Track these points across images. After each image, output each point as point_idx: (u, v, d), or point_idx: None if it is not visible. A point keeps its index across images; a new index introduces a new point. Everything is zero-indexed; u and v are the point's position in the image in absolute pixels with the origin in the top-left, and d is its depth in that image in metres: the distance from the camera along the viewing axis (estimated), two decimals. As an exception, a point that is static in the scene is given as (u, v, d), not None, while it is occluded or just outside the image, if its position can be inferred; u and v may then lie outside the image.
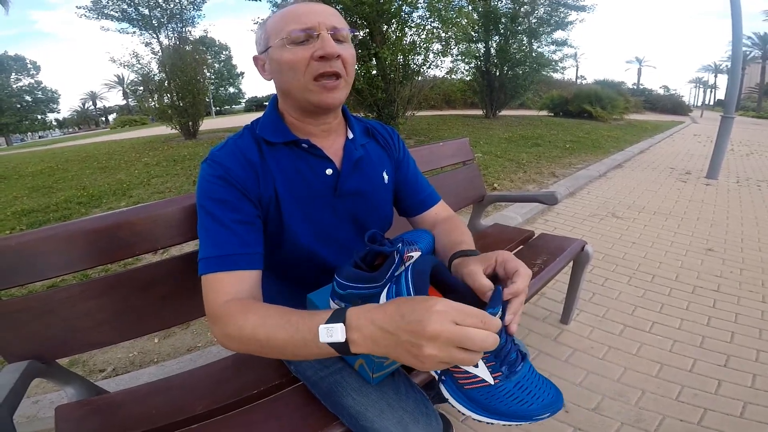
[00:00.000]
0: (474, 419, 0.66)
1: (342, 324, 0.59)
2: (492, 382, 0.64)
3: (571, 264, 1.84)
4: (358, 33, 0.90)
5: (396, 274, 0.77)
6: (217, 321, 0.73)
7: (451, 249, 0.87)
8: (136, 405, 0.98)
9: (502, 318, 0.62)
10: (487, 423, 0.66)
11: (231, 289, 0.75)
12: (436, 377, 0.69)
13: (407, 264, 0.81)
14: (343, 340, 0.58)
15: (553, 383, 0.71)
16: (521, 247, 1.84)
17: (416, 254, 0.85)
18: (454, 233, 0.94)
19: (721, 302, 2.26)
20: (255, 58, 0.89)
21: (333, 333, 0.59)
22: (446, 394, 0.68)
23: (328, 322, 0.60)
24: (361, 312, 0.59)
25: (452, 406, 0.68)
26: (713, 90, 71.72)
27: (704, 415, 1.48)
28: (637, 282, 2.51)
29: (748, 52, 46.77)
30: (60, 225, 1.01)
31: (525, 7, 12.14)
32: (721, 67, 62.71)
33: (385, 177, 1.01)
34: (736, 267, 2.71)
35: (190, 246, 1.06)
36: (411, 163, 1.10)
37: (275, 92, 0.92)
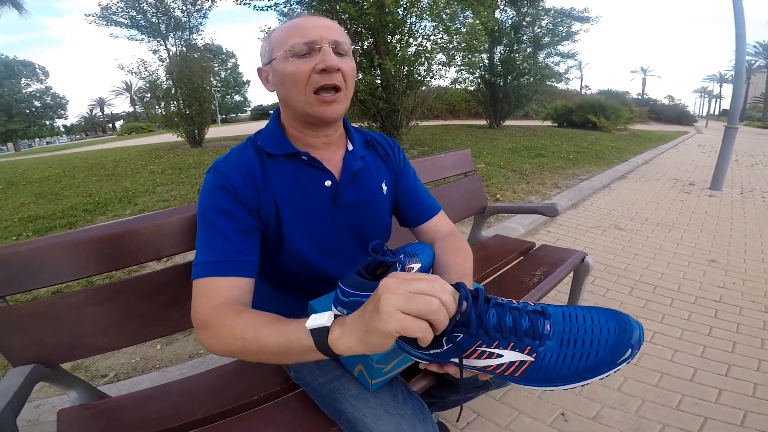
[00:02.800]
0: (559, 390, 0.62)
1: (331, 313, 0.63)
2: (531, 359, 0.61)
3: (571, 275, 1.85)
4: (358, 47, 0.91)
5: None
6: (206, 324, 0.74)
7: (445, 275, 0.88)
8: (138, 409, 1.00)
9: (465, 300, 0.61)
10: (580, 386, 0.60)
11: (223, 294, 0.76)
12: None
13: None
14: (328, 324, 0.61)
15: (611, 310, 0.63)
16: (521, 258, 1.85)
17: (417, 266, 0.87)
18: (447, 254, 0.96)
19: (723, 312, 2.26)
20: (259, 70, 0.92)
21: (319, 318, 0.62)
22: (527, 387, 0.65)
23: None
24: (349, 315, 0.63)
25: (540, 390, 0.64)
26: (718, 100, 71.67)
27: (704, 424, 1.48)
28: (639, 293, 2.51)
29: (753, 62, 46.74)
30: (67, 233, 1.04)
31: (527, 18, 12.22)
32: (726, 77, 62.54)
33: (384, 188, 1.02)
34: (738, 278, 2.70)
35: (193, 254, 1.08)
36: (411, 174, 1.11)
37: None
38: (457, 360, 0.64)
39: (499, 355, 0.62)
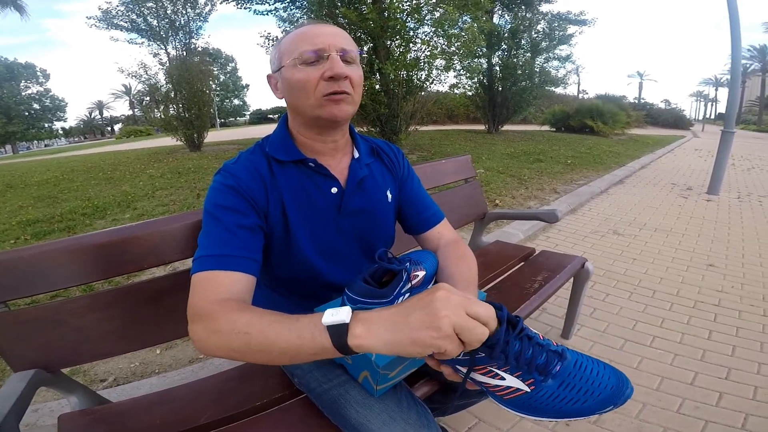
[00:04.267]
0: (530, 419, 0.66)
1: (349, 308, 0.60)
2: (528, 390, 0.64)
3: (571, 280, 1.85)
4: (365, 55, 0.92)
5: (402, 291, 0.79)
6: (207, 316, 0.68)
7: (449, 283, 0.88)
8: (140, 415, 1.00)
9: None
10: (548, 421, 0.64)
11: (226, 289, 0.73)
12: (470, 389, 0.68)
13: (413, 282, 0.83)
14: (347, 320, 0.57)
15: (617, 371, 0.67)
16: (522, 264, 1.85)
17: (421, 273, 0.87)
18: (450, 261, 0.95)
19: (722, 316, 2.27)
20: (268, 77, 0.93)
21: (337, 314, 0.58)
22: (501, 407, 0.68)
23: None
24: (370, 310, 0.61)
25: (513, 413, 0.68)
26: (714, 103, 71.91)
27: (705, 427, 1.49)
28: (638, 297, 2.51)
29: (747, 65, 46.68)
30: (69, 238, 1.04)
31: (525, 23, 12.28)
32: (721, 80, 62.67)
33: (389, 196, 1.03)
34: (737, 282, 2.72)
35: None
36: (415, 182, 1.12)
37: (287, 110, 0.94)
38: (462, 368, 0.65)
39: (502, 378, 0.64)
